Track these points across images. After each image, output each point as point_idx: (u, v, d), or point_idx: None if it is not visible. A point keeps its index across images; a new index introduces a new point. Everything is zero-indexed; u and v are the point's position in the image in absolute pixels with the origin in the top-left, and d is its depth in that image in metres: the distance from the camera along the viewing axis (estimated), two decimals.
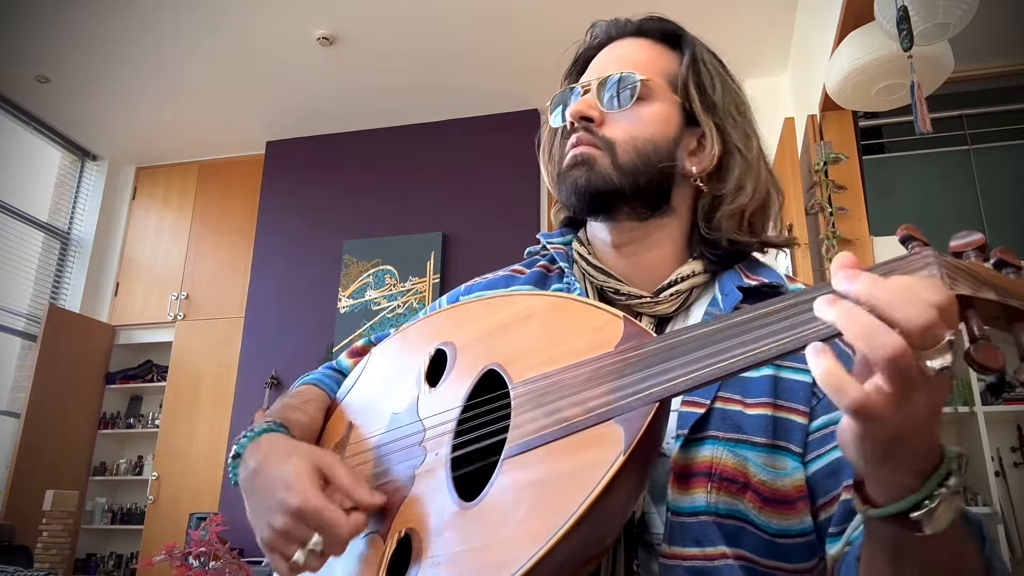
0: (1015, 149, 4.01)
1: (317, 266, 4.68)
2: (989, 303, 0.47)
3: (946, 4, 1.99)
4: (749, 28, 3.86)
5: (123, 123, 4.91)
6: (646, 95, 0.78)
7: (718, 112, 0.79)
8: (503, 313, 0.72)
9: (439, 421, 0.70)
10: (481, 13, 3.81)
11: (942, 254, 0.48)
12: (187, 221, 5.17)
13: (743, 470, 0.66)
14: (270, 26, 3.94)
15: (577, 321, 0.66)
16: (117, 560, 4.80)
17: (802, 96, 3.72)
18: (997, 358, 0.45)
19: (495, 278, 0.90)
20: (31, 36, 4.06)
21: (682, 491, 0.66)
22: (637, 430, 0.54)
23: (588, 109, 0.78)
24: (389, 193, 4.71)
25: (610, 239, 0.80)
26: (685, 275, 0.77)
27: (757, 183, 0.78)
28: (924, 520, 0.46)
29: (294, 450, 0.68)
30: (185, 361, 4.82)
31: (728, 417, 0.68)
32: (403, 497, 0.67)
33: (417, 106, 4.64)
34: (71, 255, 5.17)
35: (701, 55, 0.81)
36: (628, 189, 0.76)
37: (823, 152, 2.97)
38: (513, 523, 0.56)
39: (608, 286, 0.79)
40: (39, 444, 4.46)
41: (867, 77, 2.45)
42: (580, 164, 0.77)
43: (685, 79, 0.80)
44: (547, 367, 0.63)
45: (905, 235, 0.50)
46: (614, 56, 0.83)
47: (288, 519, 0.62)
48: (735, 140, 0.79)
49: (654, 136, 0.77)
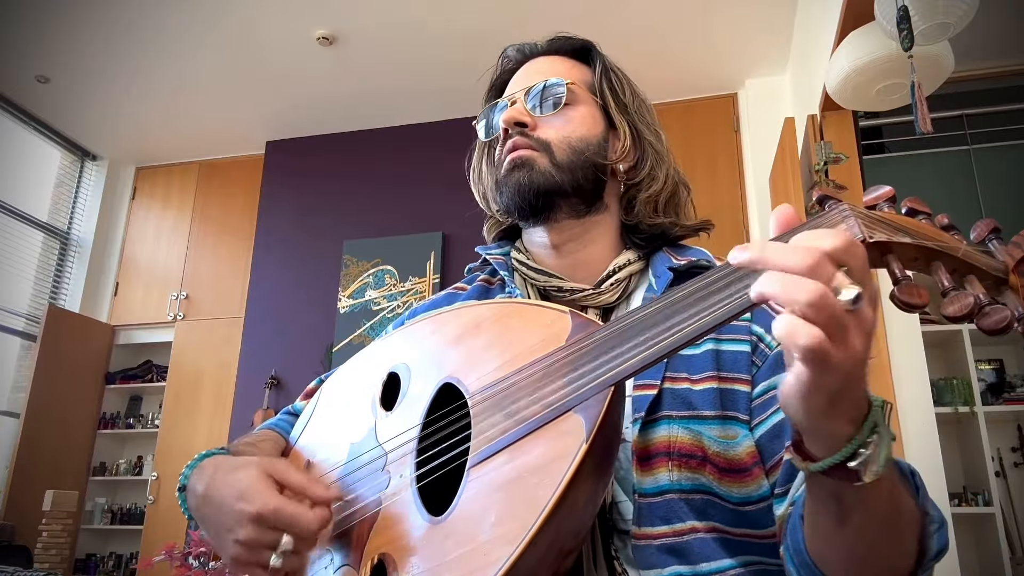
0: (1015, 149, 4.02)
1: (317, 266, 4.68)
2: (906, 246, 0.51)
3: (946, 4, 1.99)
4: (749, 28, 3.86)
5: (123, 123, 4.91)
6: (572, 99, 0.84)
7: (630, 112, 0.87)
8: (451, 326, 0.73)
9: (399, 443, 0.69)
10: (481, 13, 3.81)
11: (855, 207, 0.52)
12: (187, 221, 5.17)
13: (699, 444, 0.68)
14: (270, 26, 3.94)
15: (526, 322, 0.66)
16: (117, 560, 4.80)
17: (802, 96, 3.71)
18: (920, 295, 0.49)
19: (437, 298, 0.94)
20: (31, 36, 4.06)
21: (645, 472, 0.68)
22: (596, 416, 0.55)
23: (521, 115, 0.83)
24: (389, 193, 4.72)
25: (548, 240, 0.84)
26: (621, 264, 0.82)
27: (668, 172, 0.86)
28: (861, 469, 0.48)
29: (241, 464, 0.68)
30: (185, 361, 4.82)
31: (678, 395, 0.71)
32: (372, 523, 0.67)
33: (417, 106, 4.64)
34: (71, 255, 5.17)
35: (610, 64, 0.89)
36: (568, 185, 0.81)
37: (823, 152, 2.97)
38: (486, 528, 0.56)
39: (551, 285, 0.83)
40: (39, 444, 4.46)
41: (867, 77, 2.45)
42: (520, 166, 0.82)
43: (600, 84, 0.87)
44: (502, 372, 0.63)
45: (820, 195, 0.55)
46: (533, 71, 0.88)
47: (251, 527, 0.62)
48: (647, 135, 0.86)
49: (585, 136, 0.83)
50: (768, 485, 0.68)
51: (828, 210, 0.53)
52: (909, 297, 0.48)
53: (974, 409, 3.26)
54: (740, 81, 4.31)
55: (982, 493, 3.25)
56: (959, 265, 0.52)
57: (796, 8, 3.71)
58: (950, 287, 0.50)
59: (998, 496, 3.22)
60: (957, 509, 3.17)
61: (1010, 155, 4.02)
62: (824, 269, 0.44)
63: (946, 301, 0.50)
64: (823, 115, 3.14)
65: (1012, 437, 3.58)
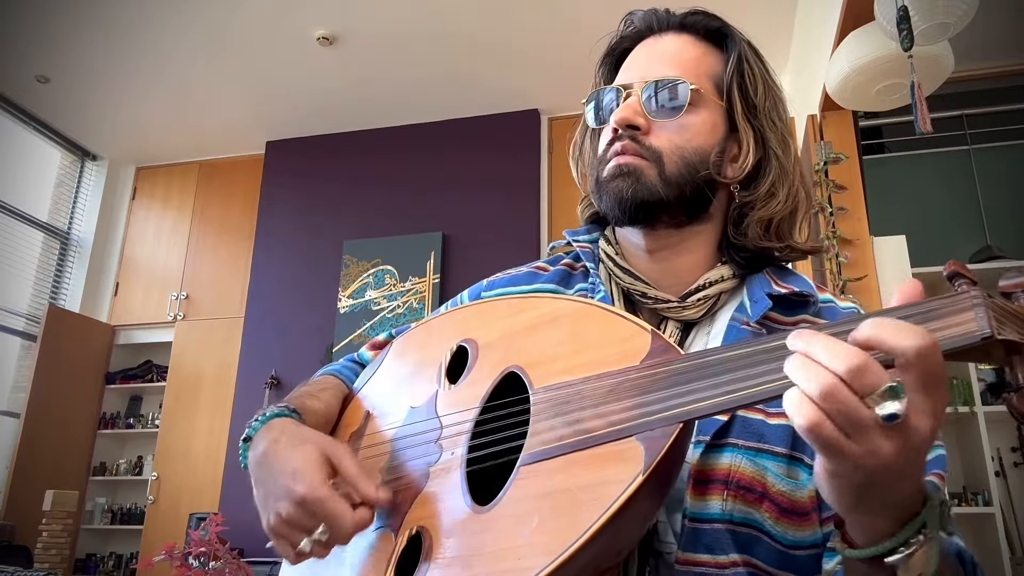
0: (1015, 149, 4.02)
1: (317, 266, 4.68)
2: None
3: (946, 4, 1.99)
4: (749, 28, 3.81)
5: (123, 123, 4.91)
6: (695, 102, 0.75)
7: (759, 116, 0.77)
8: (529, 314, 0.71)
9: (457, 420, 0.69)
10: (481, 13, 3.81)
11: (990, 295, 0.46)
12: (187, 221, 5.17)
13: (761, 479, 0.65)
14: (270, 26, 3.94)
15: (604, 330, 0.64)
16: (117, 560, 4.80)
17: (802, 96, 3.71)
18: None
19: (518, 274, 0.88)
20: (31, 36, 4.06)
21: (699, 497, 0.65)
22: (659, 450, 0.53)
23: (635, 116, 0.75)
24: (389, 193, 4.71)
25: (644, 244, 0.78)
26: (713, 280, 0.76)
27: (790, 189, 0.77)
28: (899, 565, 0.46)
29: (305, 438, 0.68)
30: (185, 361, 4.82)
31: (750, 425, 0.67)
32: (416, 493, 0.67)
33: (417, 106, 4.64)
34: (71, 255, 5.17)
35: (746, 55, 0.79)
36: (674, 199, 0.74)
37: (823, 152, 2.97)
38: (526, 532, 0.55)
39: (635, 289, 0.77)
40: (39, 444, 4.46)
41: (867, 77, 2.45)
42: (626, 175, 0.74)
43: (730, 83, 0.77)
44: (570, 375, 0.62)
45: (952, 271, 0.48)
46: (657, 54, 0.79)
47: (294, 508, 0.62)
48: (773, 146, 0.77)
49: (701, 146, 0.75)
50: (822, 533, 0.66)
51: (957, 292, 0.47)
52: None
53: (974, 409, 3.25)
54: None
55: (982, 493, 3.25)
56: None
57: (796, 8, 3.71)
58: None
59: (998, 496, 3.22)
60: (957, 509, 3.17)
61: (1010, 155, 4.02)
62: (862, 379, 0.43)
63: None
64: (823, 115, 3.14)
65: (1012, 437, 3.58)
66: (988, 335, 0.44)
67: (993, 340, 0.44)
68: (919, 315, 0.47)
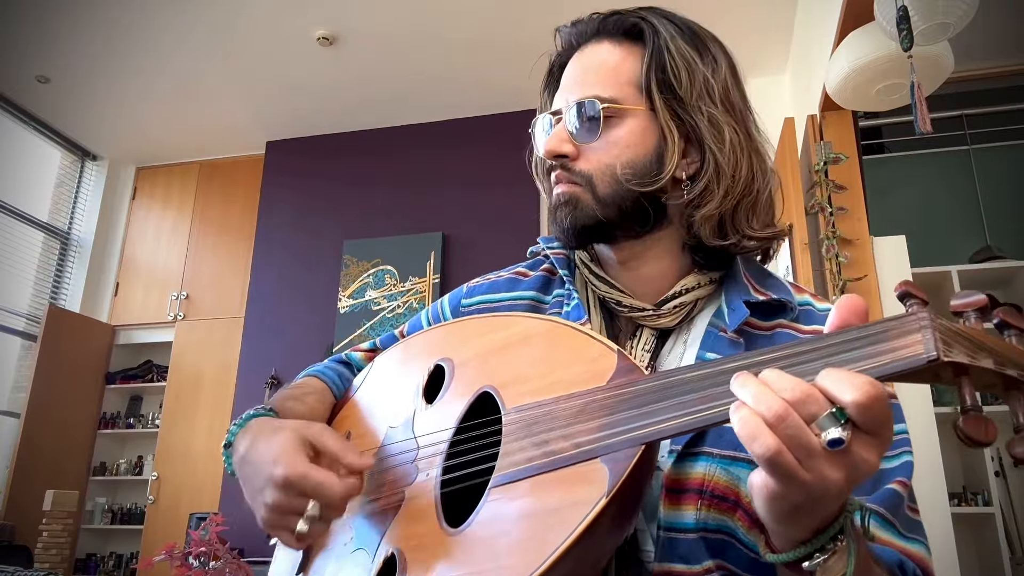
0: (1015, 149, 4.02)
1: (317, 266, 4.68)
2: (984, 371, 0.45)
3: (946, 4, 1.99)
4: (749, 28, 3.86)
5: (123, 123, 4.91)
6: (614, 115, 0.73)
7: (687, 108, 0.72)
8: (502, 333, 0.72)
9: (432, 440, 0.70)
10: (481, 14, 3.81)
11: (938, 317, 0.46)
12: (187, 221, 5.17)
13: (735, 488, 0.64)
14: (270, 26, 3.94)
15: (573, 350, 0.65)
16: (117, 560, 4.80)
17: (802, 96, 3.71)
18: (987, 431, 0.44)
19: (498, 280, 0.88)
20: (31, 36, 4.06)
21: (673, 507, 0.65)
22: (622, 472, 0.54)
23: (560, 145, 0.74)
24: (389, 193, 4.72)
25: (613, 256, 0.78)
26: (689, 287, 0.75)
27: (732, 181, 0.72)
28: (816, 570, 0.49)
29: (280, 426, 0.68)
30: (185, 361, 4.82)
31: (724, 434, 0.66)
32: (393, 514, 0.68)
33: (417, 106, 4.64)
34: (71, 255, 5.17)
35: (664, 44, 0.73)
36: (615, 218, 0.73)
37: (823, 152, 2.97)
38: (496, 555, 0.57)
39: (611, 297, 0.77)
40: (39, 444, 4.46)
41: (867, 77, 2.45)
42: (564, 204, 0.74)
43: (648, 81, 0.73)
44: (540, 395, 0.63)
45: (903, 292, 0.48)
46: (580, 71, 0.77)
47: (279, 492, 0.62)
48: (705, 138, 0.72)
49: (632, 159, 0.73)
50: None
51: (907, 314, 0.47)
52: (974, 432, 0.44)
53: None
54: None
55: (982, 493, 3.25)
56: None
57: (796, 8, 3.71)
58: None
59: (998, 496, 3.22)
60: (957, 509, 3.17)
61: (1010, 155, 4.03)
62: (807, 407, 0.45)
63: (1015, 439, 0.45)
64: (823, 115, 3.14)
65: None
66: (934, 358, 0.43)
67: (939, 362, 0.43)
68: (868, 337, 0.47)
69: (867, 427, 0.45)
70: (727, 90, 0.75)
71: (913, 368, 0.44)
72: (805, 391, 0.45)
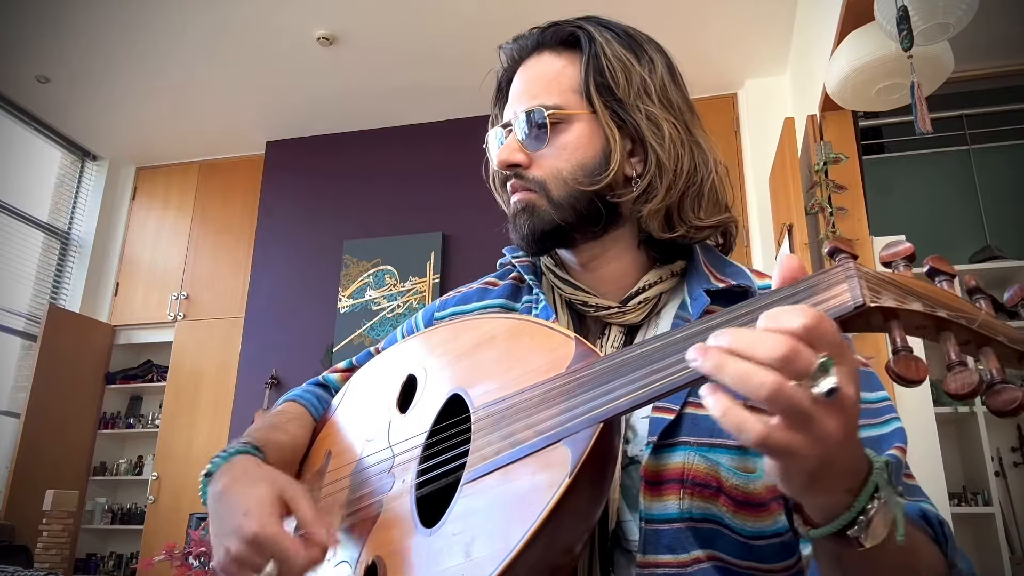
0: (1015, 149, 4.02)
1: (317, 266, 4.68)
2: (913, 314, 0.47)
3: (946, 4, 1.99)
4: (749, 28, 3.86)
5: (123, 123, 4.91)
6: (560, 121, 0.76)
7: (627, 108, 0.75)
8: (468, 336, 0.74)
9: (407, 447, 0.71)
10: (481, 13, 3.81)
11: (862, 267, 0.48)
12: (187, 221, 5.17)
13: (715, 474, 0.65)
14: (270, 26, 3.94)
15: (535, 343, 0.67)
16: (117, 560, 4.80)
17: (802, 96, 3.72)
18: (918, 370, 0.46)
19: (469, 292, 0.91)
20: (31, 36, 4.06)
21: (654, 498, 0.66)
22: (582, 452, 0.55)
23: (512, 155, 0.77)
24: (389, 193, 4.72)
25: (575, 259, 0.81)
26: (652, 282, 0.77)
27: (675, 175, 0.75)
28: (861, 535, 0.48)
29: (261, 477, 0.68)
30: (185, 361, 4.83)
31: (699, 421, 0.67)
32: (372, 524, 0.69)
33: (417, 106, 4.64)
34: (71, 255, 5.17)
35: (600, 49, 0.76)
36: (572, 221, 0.76)
37: (823, 152, 2.97)
38: (468, 548, 0.58)
39: (576, 299, 0.79)
40: (39, 444, 4.46)
41: (867, 77, 2.45)
42: (521, 211, 0.78)
43: (587, 86, 0.76)
44: (507, 390, 0.65)
45: (832, 248, 0.50)
46: (524, 83, 0.80)
47: (243, 546, 0.62)
48: (644, 134, 0.75)
49: (582, 162, 0.75)
50: (784, 521, 0.66)
51: (834, 266, 0.49)
52: (904, 371, 0.45)
53: (974, 409, 3.26)
54: (740, 81, 4.31)
55: (982, 493, 3.25)
56: (974, 336, 0.48)
57: (796, 8, 3.71)
58: (955, 361, 0.46)
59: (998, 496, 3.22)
60: (957, 509, 3.17)
61: (1010, 155, 4.03)
62: (798, 362, 0.43)
63: (949, 377, 0.46)
64: (823, 115, 3.14)
65: (1012, 437, 3.58)
66: (860, 303, 0.46)
67: (867, 308, 0.46)
68: (801, 292, 0.49)
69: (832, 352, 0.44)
70: (665, 88, 0.78)
71: (842, 315, 0.46)
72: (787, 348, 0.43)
